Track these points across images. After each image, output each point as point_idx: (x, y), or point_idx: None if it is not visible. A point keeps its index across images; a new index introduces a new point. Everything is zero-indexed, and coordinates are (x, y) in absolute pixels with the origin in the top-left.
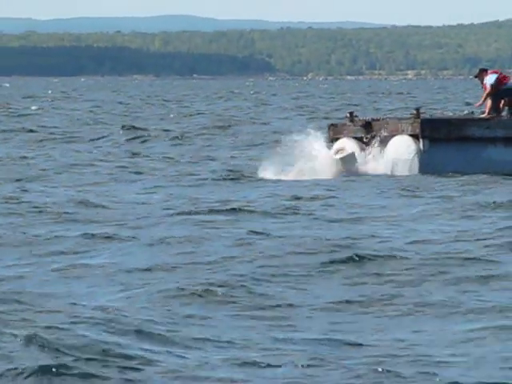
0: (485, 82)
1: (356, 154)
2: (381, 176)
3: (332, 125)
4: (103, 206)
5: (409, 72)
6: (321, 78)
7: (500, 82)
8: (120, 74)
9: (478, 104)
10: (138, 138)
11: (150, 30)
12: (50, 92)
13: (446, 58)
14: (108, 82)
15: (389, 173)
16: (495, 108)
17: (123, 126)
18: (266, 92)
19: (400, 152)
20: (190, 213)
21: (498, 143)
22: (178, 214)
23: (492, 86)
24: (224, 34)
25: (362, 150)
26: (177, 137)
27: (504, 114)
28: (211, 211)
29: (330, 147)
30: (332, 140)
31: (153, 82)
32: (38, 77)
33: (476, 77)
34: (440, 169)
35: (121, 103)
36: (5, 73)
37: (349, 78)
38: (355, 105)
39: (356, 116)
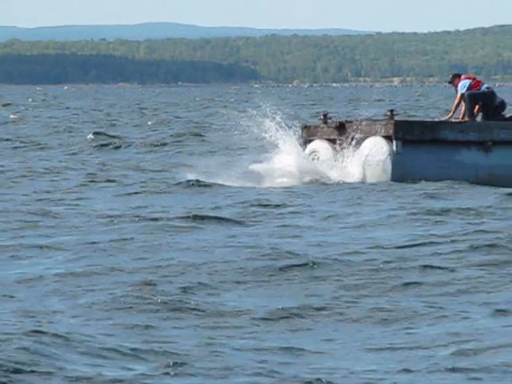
0: (458, 88)
1: (329, 156)
2: (350, 181)
3: (305, 126)
4: (64, 214)
5: (394, 79)
6: (306, 85)
7: (473, 87)
8: (105, 81)
9: (450, 114)
10: (109, 145)
11: (134, 37)
12: (30, 100)
13: (432, 65)
14: (92, 90)
15: (362, 174)
16: (470, 113)
17: (95, 133)
18: (246, 99)
19: (373, 153)
20: (153, 219)
21: (472, 147)
22: (141, 220)
23: (462, 94)
24: (209, 42)
25: (336, 151)
26: (149, 144)
27: (478, 119)
28: (175, 218)
29: (303, 149)
30: (305, 142)
31: (136, 90)
32: (22, 85)
33: (450, 82)
34: (413, 170)
35: (100, 111)
36: None
37: (334, 85)
38: (334, 112)
39: (330, 118)
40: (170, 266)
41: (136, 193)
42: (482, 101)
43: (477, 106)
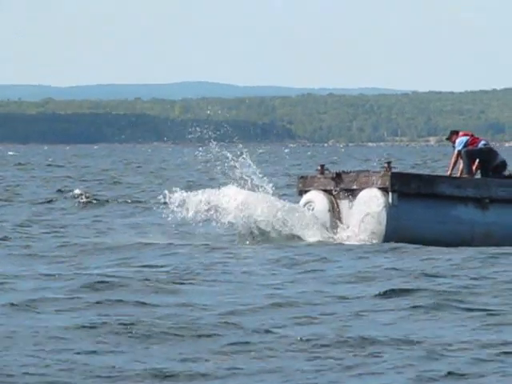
0: (455, 145)
1: (325, 206)
2: (346, 234)
3: (302, 177)
4: None
5: (430, 138)
6: (342, 145)
7: (470, 144)
8: (138, 141)
9: (448, 172)
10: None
11: (169, 96)
12: (42, 159)
13: (468, 124)
14: (123, 149)
15: (357, 226)
16: (468, 170)
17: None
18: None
19: (368, 205)
20: None
21: (469, 203)
22: None
23: (459, 151)
24: (244, 101)
25: (331, 202)
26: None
27: (477, 176)
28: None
29: (298, 200)
30: (301, 192)
31: (165, 149)
32: (55, 144)
33: (448, 139)
34: (408, 224)
35: (105, 170)
36: (22, 140)
37: (370, 144)
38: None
39: (327, 169)
40: None
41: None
42: (480, 157)
43: (475, 163)
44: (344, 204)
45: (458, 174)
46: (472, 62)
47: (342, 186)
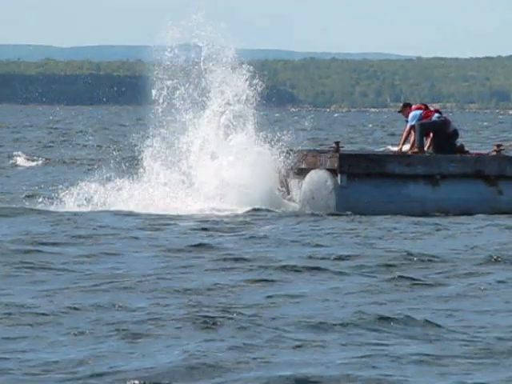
0: (409, 119)
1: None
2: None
3: None
4: None
5: (434, 105)
6: (344, 110)
7: (424, 117)
8: (140, 103)
9: (399, 146)
10: None
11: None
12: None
13: (473, 91)
14: (120, 111)
15: (306, 207)
16: (419, 144)
17: None
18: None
19: (317, 187)
20: None
21: (419, 180)
22: None
23: (411, 126)
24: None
25: (280, 181)
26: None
27: (428, 150)
28: None
29: None
30: None
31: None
32: (54, 105)
33: (400, 112)
34: (358, 205)
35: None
36: (21, 101)
37: (372, 110)
38: (325, 139)
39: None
40: None
41: None
42: (433, 131)
43: (428, 136)
44: (294, 182)
45: (409, 146)
46: (477, 28)
47: (290, 165)
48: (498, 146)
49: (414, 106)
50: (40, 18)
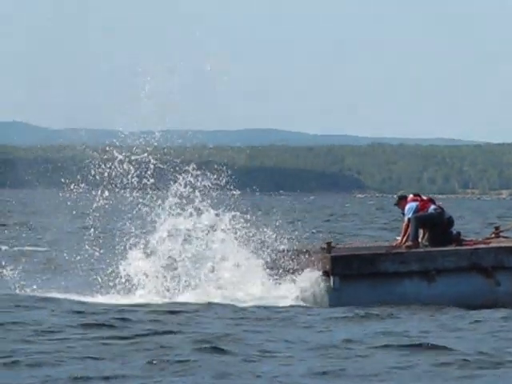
0: (405, 211)
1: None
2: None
3: None
4: None
5: (503, 191)
6: None
7: (420, 210)
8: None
9: (398, 240)
10: None
11: (235, 143)
12: None
13: None
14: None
15: (300, 308)
16: (413, 237)
17: None
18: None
19: (309, 289)
20: None
21: (414, 277)
22: None
23: (409, 219)
24: (312, 149)
25: (274, 279)
26: None
27: (423, 240)
28: None
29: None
30: None
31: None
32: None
33: (396, 205)
34: (352, 306)
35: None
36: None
37: (440, 196)
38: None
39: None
40: None
41: None
42: (430, 223)
43: (423, 228)
44: (286, 285)
45: (403, 240)
46: None
47: (282, 265)
48: (497, 228)
49: (409, 198)
50: None
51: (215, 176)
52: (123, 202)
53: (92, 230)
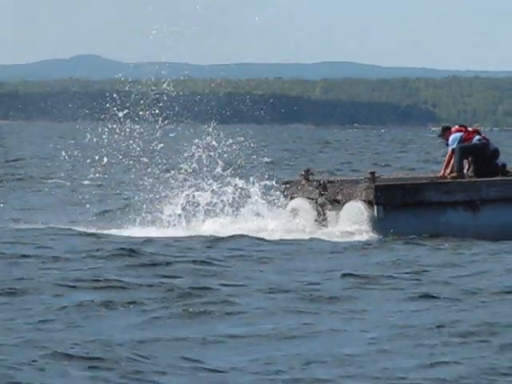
0: (449, 142)
1: (311, 217)
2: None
3: (286, 182)
4: None
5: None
6: (487, 129)
7: (465, 140)
8: (279, 122)
9: (442, 171)
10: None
11: (311, 76)
12: None
13: None
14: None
15: (344, 239)
16: (458, 167)
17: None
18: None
19: (353, 220)
20: None
21: (458, 207)
22: None
23: (453, 149)
24: (387, 82)
25: (318, 212)
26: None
27: (468, 172)
28: None
29: (284, 205)
30: (286, 198)
31: (309, 130)
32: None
33: (440, 136)
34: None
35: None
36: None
37: None
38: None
39: (312, 174)
40: None
41: None
42: (474, 154)
43: (468, 158)
44: (331, 214)
45: (449, 171)
46: None
47: (327, 196)
48: None
49: (453, 129)
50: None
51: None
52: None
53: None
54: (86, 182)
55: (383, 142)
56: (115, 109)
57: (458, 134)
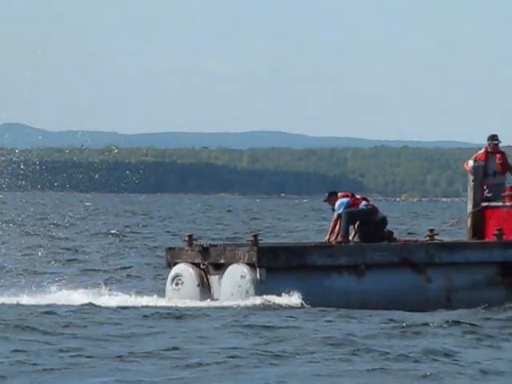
0: (335, 207)
1: (194, 282)
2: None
3: (169, 248)
4: None
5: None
6: (415, 200)
7: (351, 205)
8: (205, 191)
9: (327, 238)
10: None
11: (238, 146)
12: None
13: None
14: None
15: (226, 303)
16: (344, 232)
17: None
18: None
19: (236, 282)
20: None
21: (343, 271)
22: None
23: (339, 214)
24: (314, 152)
25: (200, 276)
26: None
27: (353, 238)
28: None
29: (167, 272)
30: (169, 264)
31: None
32: (117, 194)
33: (326, 201)
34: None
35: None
36: (85, 189)
37: (444, 199)
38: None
39: (195, 239)
40: None
41: None
42: (361, 219)
43: (355, 224)
44: (214, 278)
45: (334, 237)
46: None
47: (210, 260)
48: (431, 230)
49: (340, 194)
50: (104, 106)
51: None
52: None
53: None
54: None
55: (297, 211)
56: None
57: (345, 199)
